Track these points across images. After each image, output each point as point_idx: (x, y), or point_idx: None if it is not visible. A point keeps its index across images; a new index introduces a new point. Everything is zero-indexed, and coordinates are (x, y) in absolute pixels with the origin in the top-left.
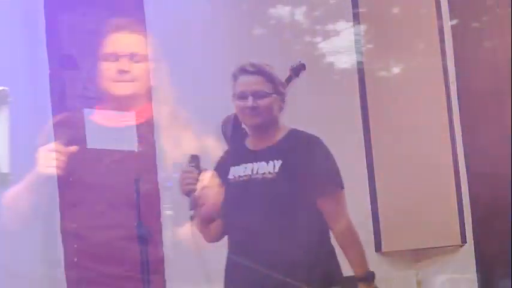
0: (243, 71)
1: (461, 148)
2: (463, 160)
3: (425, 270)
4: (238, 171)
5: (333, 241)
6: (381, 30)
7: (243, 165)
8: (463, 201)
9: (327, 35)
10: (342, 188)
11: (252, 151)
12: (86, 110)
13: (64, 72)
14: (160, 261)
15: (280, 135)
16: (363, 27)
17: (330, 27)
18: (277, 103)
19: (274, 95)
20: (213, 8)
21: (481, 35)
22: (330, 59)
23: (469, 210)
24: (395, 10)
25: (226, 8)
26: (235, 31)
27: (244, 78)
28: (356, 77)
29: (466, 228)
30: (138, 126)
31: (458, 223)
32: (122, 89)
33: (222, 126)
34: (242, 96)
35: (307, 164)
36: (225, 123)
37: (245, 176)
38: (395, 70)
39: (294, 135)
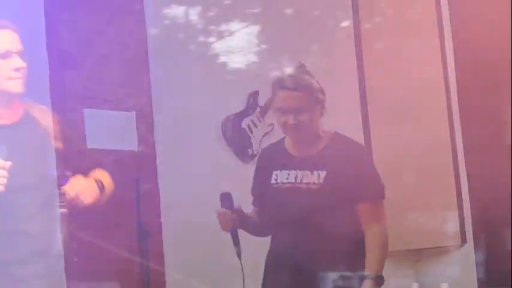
0: (282, 86)
1: (461, 148)
2: (463, 160)
3: (425, 270)
4: (281, 177)
5: None
6: (280, 30)
7: (286, 171)
8: (463, 201)
9: (220, 35)
10: (382, 197)
11: (295, 157)
12: (86, 110)
13: (64, 72)
14: (161, 260)
15: (323, 143)
16: (257, 28)
17: (224, 27)
18: (318, 112)
19: (315, 107)
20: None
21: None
22: (223, 59)
23: (469, 210)
24: (289, 11)
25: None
26: (130, 30)
27: (284, 94)
28: (248, 76)
29: (466, 228)
30: (138, 126)
31: (458, 223)
32: (17, 86)
33: (222, 127)
34: (283, 112)
35: (350, 173)
36: (225, 123)
37: (289, 183)
38: (290, 71)
39: (337, 142)
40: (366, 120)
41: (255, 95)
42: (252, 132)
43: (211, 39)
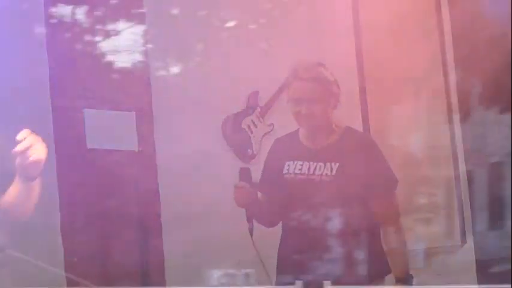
0: (297, 77)
1: (461, 147)
2: (463, 159)
3: (425, 270)
4: (293, 168)
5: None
6: (164, 30)
7: (299, 162)
8: (463, 201)
9: (107, 35)
10: (394, 189)
11: (308, 149)
12: (86, 110)
13: (64, 72)
14: (161, 260)
15: (335, 136)
16: (143, 27)
17: (111, 26)
18: (331, 104)
19: (328, 99)
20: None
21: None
22: (110, 58)
23: (469, 210)
24: (176, 11)
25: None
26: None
27: (298, 85)
28: (135, 75)
29: (466, 228)
30: (138, 126)
31: (458, 223)
32: None
33: (222, 127)
34: (297, 102)
35: (361, 166)
36: (225, 123)
37: (302, 174)
38: (177, 70)
39: (349, 135)
40: (365, 120)
41: (255, 95)
42: (252, 132)
43: (97, 38)
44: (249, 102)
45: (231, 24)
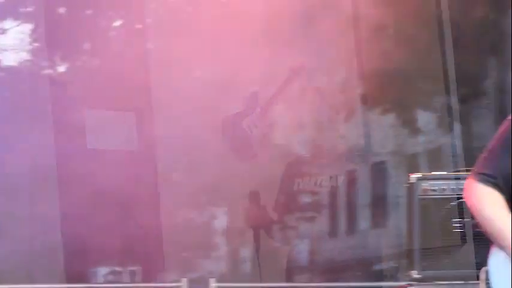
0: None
1: (460, 146)
2: (463, 158)
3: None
4: (303, 183)
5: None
6: (48, 29)
7: (307, 177)
8: (463, 201)
9: None
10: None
11: (315, 164)
12: (86, 110)
13: (64, 72)
14: (161, 260)
15: (338, 149)
16: (30, 26)
17: None
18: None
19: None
20: None
21: None
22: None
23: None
24: (62, 10)
25: None
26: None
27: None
28: (24, 74)
29: (466, 228)
30: (138, 126)
31: (458, 223)
32: None
33: (222, 127)
34: None
35: (366, 175)
36: (225, 123)
37: (309, 186)
38: (62, 69)
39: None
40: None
41: (255, 95)
42: (252, 132)
43: None
44: (249, 102)
45: (117, 23)
